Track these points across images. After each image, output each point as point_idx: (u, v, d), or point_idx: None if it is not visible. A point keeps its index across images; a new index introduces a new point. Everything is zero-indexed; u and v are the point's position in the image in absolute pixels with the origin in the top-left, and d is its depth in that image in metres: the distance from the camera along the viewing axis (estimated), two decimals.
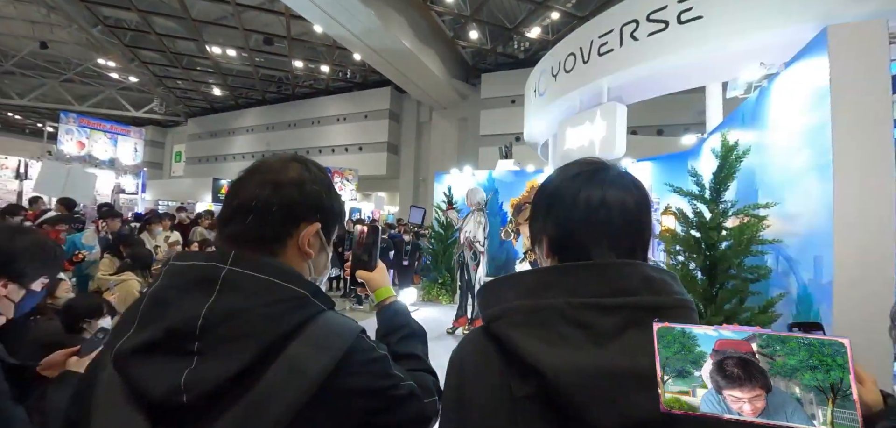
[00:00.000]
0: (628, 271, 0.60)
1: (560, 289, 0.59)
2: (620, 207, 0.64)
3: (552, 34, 11.31)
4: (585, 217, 0.65)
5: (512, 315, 0.61)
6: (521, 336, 0.58)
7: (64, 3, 11.24)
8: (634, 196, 0.66)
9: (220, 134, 21.41)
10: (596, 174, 0.68)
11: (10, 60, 15.37)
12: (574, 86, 5.26)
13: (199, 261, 0.66)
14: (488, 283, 0.69)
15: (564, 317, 0.57)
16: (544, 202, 0.70)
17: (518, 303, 0.61)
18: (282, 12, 11.33)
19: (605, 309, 0.56)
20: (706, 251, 2.82)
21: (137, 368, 0.60)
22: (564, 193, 0.68)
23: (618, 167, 0.70)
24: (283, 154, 0.82)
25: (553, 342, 0.56)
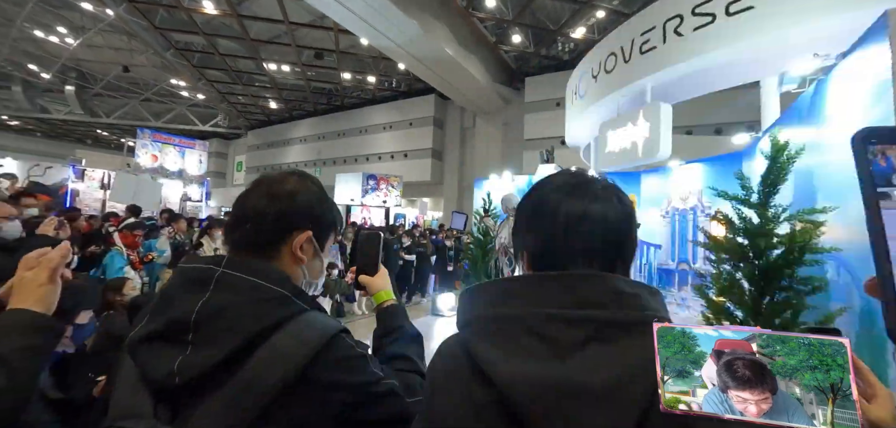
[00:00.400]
0: (598, 284, 0.58)
1: (525, 299, 0.59)
2: (600, 221, 0.63)
3: (598, 34, 10.95)
4: (563, 231, 0.64)
5: (478, 323, 0.62)
6: (482, 344, 0.59)
7: (142, 31, 12.52)
8: (616, 210, 0.64)
9: (276, 144, 22.74)
10: (577, 187, 0.67)
11: (99, 84, 17.46)
12: (615, 86, 5.07)
13: (201, 264, 0.74)
14: (465, 290, 0.70)
15: (527, 327, 0.57)
16: (525, 215, 0.70)
17: (485, 311, 0.62)
18: (331, 28, 11.87)
19: (569, 321, 0.56)
20: (754, 259, 2.61)
21: (143, 353, 0.70)
22: (544, 206, 0.67)
23: (602, 179, 0.69)
24: (285, 168, 0.90)
25: (512, 352, 0.56)
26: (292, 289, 0.74)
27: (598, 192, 0.66)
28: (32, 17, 12.28)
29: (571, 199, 0.65)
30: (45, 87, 17.87)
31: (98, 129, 23.24)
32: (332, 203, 0.90)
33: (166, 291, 0.74)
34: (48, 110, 19.04)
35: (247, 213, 0.79)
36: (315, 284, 0.89)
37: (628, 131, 4.86)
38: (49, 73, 16.26)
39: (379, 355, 0.93)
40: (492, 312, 0.61)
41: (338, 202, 14.41)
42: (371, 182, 14.13)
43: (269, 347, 0.68)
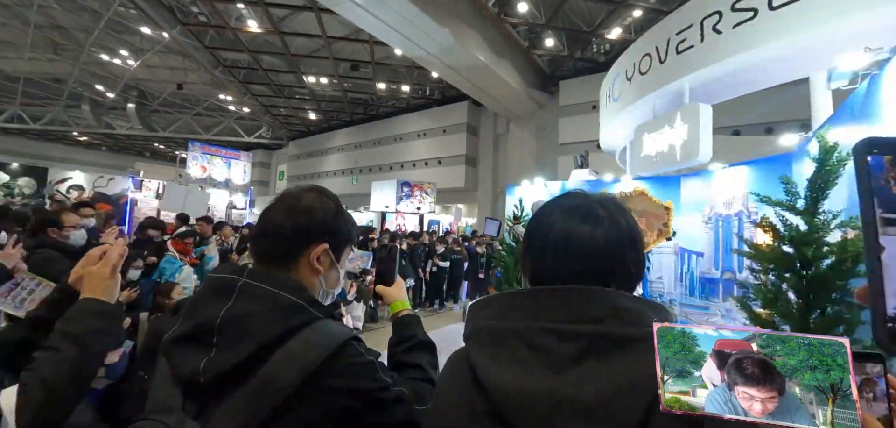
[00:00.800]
0: (597, 299, 0.59)
1: (524, 312, 0.62)
2: (587, 243, 0.64)
3: (634, 33, 10.60)
4: (551, 252, 0.66)
5: (480, 334, 0.64)
6: (481, 355, 0.61)
7: (194, 51, 13.42)
8: (606, 233, 0.65)
9: (315, 153, 23.58)
10: (570, 210, 0.68)
11: (156, 101, 18.86)
12: (650, 88, 4.88)
13: (226, 273, 0.81)
14: (473, 303, 0.73)
15: (523, 340, 0.58)
16: (526, 236, 0.73)
17: (487, 323, 0.64)
18: (366, 40, 12.21)
19: (564, 335, 0.57)
20: (802, 270, 2.42)
21: (175, 353, 0.77)
22: (539, 228, 0.70)
23: (605, 201, 0.70)
24: (305, 184, 0.96)
25: (508, 363, 0.58)
26: (307, 298, 0.79)
27: (591, 215, 0.66)
28: (99, 42, 13.46)
29: (562, 221, 0.67)
30: (109, 105, 19.51)
31: (155, 143, 25.07)
32: (349, 217, 0.95)
33: (197, 298, 0.81)
34: (112, 126, 20.74)
35: (268, 227, 0.86)
36: (332, 293, 0.93)
37: (665, 134, 4.67)
38: (113, 92, 17.76)
39: (392, 363, 0.96)
40: (494, 324, 0.63)
41: (373, 209, 14.80)
42: (405, 189, 14.33)
43: (284, 351, 0.73)
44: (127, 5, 11.09)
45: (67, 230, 2.72)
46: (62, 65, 15.39)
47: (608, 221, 0.66)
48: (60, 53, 14.56)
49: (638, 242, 0.67)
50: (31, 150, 22.77)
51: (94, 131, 21.26)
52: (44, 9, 11.74)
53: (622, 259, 0.65)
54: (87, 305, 0.95)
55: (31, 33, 12.86)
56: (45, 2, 11.31)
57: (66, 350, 0.86)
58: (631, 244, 0.66)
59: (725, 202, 5.01)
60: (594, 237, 0.64)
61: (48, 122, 20.28)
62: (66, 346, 0.86)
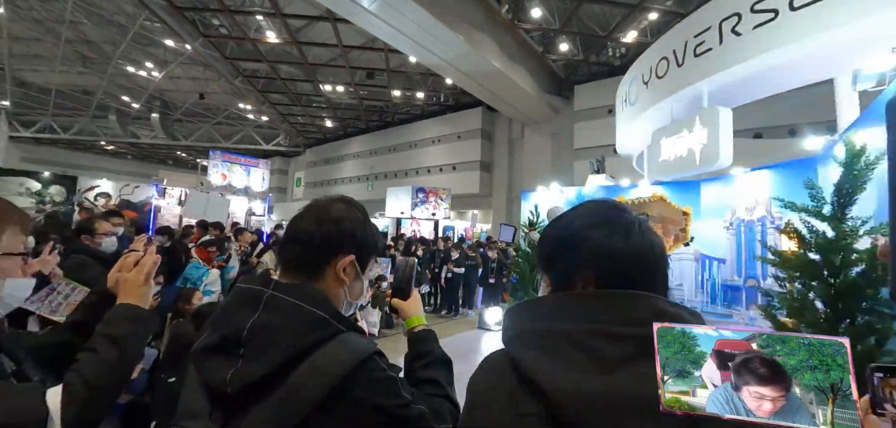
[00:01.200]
0: (640, 303, 0.61)
1: (571, 315, 0.62)
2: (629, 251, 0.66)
3: (651, 37, 10.47)
4: (578, 260, 0.68)
5: (524, 336, 0.65)
6: (529, 356, 0.62)
7: (215, 62, 13.80)
8: (641, 241, 0.67)
9: (332, 160, 23.88)
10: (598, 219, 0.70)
11: (179, 110, 19.43)
12: (668, 92, 4.81)
13: (253, 284, 0.82)
14: (511, 307, 0.74)
15: (573, 342, 0.59)
16: (548, 245, 0.76)
17: (532, 325, 0.65)
18: (381, 48, 12.37)
19: (614, 337, 0.58)
20: (829, 278, 2.34)
21: (203, 362, 0.79)
22: (565, 242, 0.72)
23: (630, 214, 0.72)
24: (334, 194, 0.97)
25: (560, 365, 0.59)
26: (331, 311, 0.80)
27: (623, 224, 0.69)
28: (125, 55, 13.96)
29: (590, 230, 0.69)
30: (134, 115, 20.18)
31: (177, 151, 25.79)
32: (375, 228, 0.96)
33: (225, 307, 0.83)
34: (137, 135, 21.44)
35: (297, 235, 0.87)
36: (355, 304, 0.94)
37: (684, 138, 4.59)
38: (138, 102, 18.38)
39: (410, 379, 0.95)
40: (539, 326, 0.64)
41: (388, 215, 14.89)
42: (420, 195, 14.39)
43: (309, 364, 0.74)
44: (152, 19, 11.49)
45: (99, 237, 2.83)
46: (91, 77, 16.02)
47: (640, 231, 0.68)
48: (89, 66, 15.16)
49: (662, 258, 0.70)
50: (61, 159, 23.69)
51: (120, 140, 22.01)
52: (74, 24, 12.25)
53: (657, 267, 0.67)
54: (124, 311, 1.00)
55: (62, 47, 13.42)
56: (76, 17, 11.80)
57: (106, 352, 0.90)
58: (662, 253, 0.69)
59: (747, 207, 4.88)
60: (635, 249, 0.67)
61: (77, 132, 21.08)
62: (106, 348, 0.91)
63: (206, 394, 0.77)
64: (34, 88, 17.46)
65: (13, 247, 0.90)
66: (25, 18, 12.18)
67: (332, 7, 9.07)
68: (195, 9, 11.15)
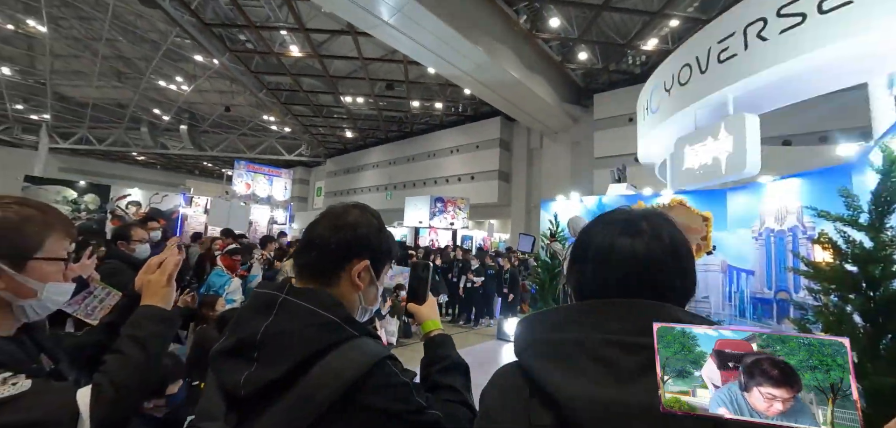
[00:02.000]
0: (660, 311, 0.59)
1: (584, 325, 0.61)
2: (627, 256, 0.65)
3: (672, 44, 10.31)
4: (594, 265, 0.68)
5: (537, 347, 0.65)
6: (543, 367, 0.61)
7: (240, 75, 14.26)
8: (646, 244, 0.65)
9: (351, 170, 24.26)
10: (614, 223, 0.70)
11: (206, 122, 20.13)
12: (691, 99, 4.71)
13: (269, 289, 0.84)
14: (523, 318, 0.73)
15: (586, 351, 0.59)
16: (572, 250, 0.75)
17: (544, 336, 0.65)
18: (401, 60, 12.56)
19: (628, 347, 0.57)
20: (868, 291, 2.23)
21: (220, 365, 0.81)
22: (583, 242, 0.72)
23: (651, 215, 0.70)
24: (349, 201, 0.99)
25: (574, 375, 0.58)
26: (343, 316, 0.80)
27: (632, 229, 0.67)
28: (157, 70, 14.58)
29: (603, 234, 0.69)
30: (164, 126, 21.00)
31: (204, 161, 26.66)
32: (389, 234, 0.96)
33: (241, 312, 0.85)
34: (166, 146, 22.27)
35: (313, 240, 0.88)
36: (370, 309, 0.94)
37: (708, 146, 4.48)
38: (168, 115, 19.13)
39: (426, 385, 0.95)
40: (552, 336, 0.64)
41: (406, 225, 14.97)
42: (438, 205, 14.43)
43: (321, 367, 0.74)
44: (182, 36, 11.98)
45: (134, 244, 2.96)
46: (125, 91, 16.78)
47: (649, 235, 0.66)
48: (124, 81, 15.89)
49: (683, 256, 0.66)
50: (96, 168, 24.77)
51: (150, 151, 22.88)
52: (111, 41, 12.88)
53: (664, 272, 0.64)
54: (148, 311, 1.03)
55: (99, 63, 14.12)
56: (112, 35, 12.41)
57: (131, 353, 0.93)
58: (674, 258, 0.65)
59: (777, 217, 4.71)
60: (633, 249, 0.65)
61: (111, 143, 22.05)
62: (132, 348, 0.94)
63: (222, 396, 0.78)
64: (73, 102, 18.40)
65: (57, 251, 0.93)
66: (67, 37, 12.88)
67: (353, 21, 9.28)
68: (223, 25, 11.58)
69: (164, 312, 1.05)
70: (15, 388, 0.75)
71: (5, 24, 12.16)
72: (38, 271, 0.89)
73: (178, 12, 10.55)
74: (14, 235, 0.86)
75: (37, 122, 19.87)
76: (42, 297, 0.90)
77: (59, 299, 0.95)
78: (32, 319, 0.93)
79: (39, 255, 0.89)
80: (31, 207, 0.90)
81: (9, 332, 0.89)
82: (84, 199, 10.79)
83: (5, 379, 0.76)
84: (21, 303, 0.88)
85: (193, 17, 10.87)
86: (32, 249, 0.88)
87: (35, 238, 0.89)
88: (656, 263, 0.64)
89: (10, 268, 0.85)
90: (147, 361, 0.95)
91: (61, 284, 0.94)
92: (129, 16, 11.76)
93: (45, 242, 0.90)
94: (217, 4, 10.94)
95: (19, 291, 0.87)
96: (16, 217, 0.87)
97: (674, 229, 0.68)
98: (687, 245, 0.68)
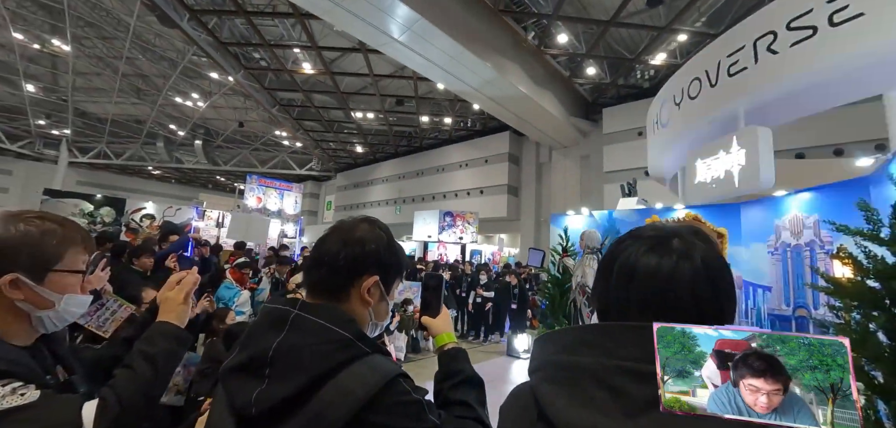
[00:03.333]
0: None
1: (597, 349, 0.58)
2: (651, 276, 0.61)
3: (680, 58, 10.30)
4: (615, 282, 0.65)
5: (547, 369, 0.62)
6: (548, 390, 0.60)
7: (254, 92, 14.57)
8: (672, 266, 0.60)
9: (361, 184, 24.43)
10: (642, 240, 0.65)
11: (220, 137, 20.53)
12: (702, 113, 4.67)
13: (280, 305, 0.83)
14: (539, 337, 0.71)
15: (596, 378, 0.56)
16: (598, 269, 0.72)
17: (556, 358, 0.62)
18: (411, 77, 12.73)
19: (640, 376, 0.52)
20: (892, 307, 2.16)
21: (230, 382, 0.79)
22: (608, 259, 0.69)
23: (683, 234, 0.65)
24: (359, 215, 0.98)
25: (579, 403, 0.55)
26: (356, 333, 0.79)
27: (661, 246, 0.62)
28: (174, 87, 14.97)
29: (630, 251, 0.65)
30: (180, 142, 21.46)
31: (217, 176, 27.12)
32: (400, 248, 0.95)
33: (252, 327, 0.84)
34: (181, 160, 22.72)
35: (323, 256, 0.87)
36: (381, 325, 0.93)
37: (721, 160, 4.42)
38: (184, 130, 19.56)
39: (439, 400, 0.93)
40: (562, 358, 0.61)
41: (415, 239, 14.98)
42: (447, 219, 14.43)
43: (333, 385, 0.73)
44: (199, 54, 12.32)
45: None
46: (143, 107, 17.25)
47: (679, 254, 0.61)
48: (142, 98, 16.35)
49: (717, 280, 0.61)
50: (112, 182, 25.38)
51: (165, 166, 23.36)
52: (131, 60, 13.30)
53: (691, 294, 0.59)
54: (163, 328, 1.05)
55: (119, 81, 14.55)
56: (132, 54, 12.81)
57: (141, 369, 0.94)
58: (705, 281, 0.60)
59: (793, 232, 4.62)
60: (659, 269, 0.60)
61: (128, 157, 22.58)
62: (142, 365, 0.95)
63: (231, 414, 0.77)
64: (93, 118, 18.95)
65: (75, 264, 0.94)
66: (89, 55, 13.34)
67: (364, 39, 9.45)
68: (239, 44, 11.89)
69: (178, 331, 1.06)
70: (22, 398, 0.76)
71: (32, 44, 12.63)
72: (57, 283, 0.91)
73: (196, 32, 10.87)
74: (35, 249, 0.88)
75: (57, 137, 20.49)
76: (60, 308, 0.92)
77: (77, 311, 0.97)
78: (50, 329, 0.94)
79: (59, 267, 0.91)
80: (51, 222, 0.92)
81: (26, 342, 0.91)
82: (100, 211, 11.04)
83: (14, 389, 0.77)
84: (39, 313, 0.90)
85: (210, 36, 11.19)
86: (52, 262, 0.90)
87: (55, 251, 0.91)
88: (684, 286, 0.59)
89: (30, 280, 0.87)
90: (155, 378, 0.95)
91: (79, 295, 0.96)
92: (149, 35, 12.16)
93: (65, 255, 0.92)
94: (233, 24, 11.26)
95: (38, 302, 0.89)
96: (37, 231, 0.89)
97: (710, 249, 0.63)
98: (724, 268, 0.63)
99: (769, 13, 3.76)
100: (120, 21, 11.36)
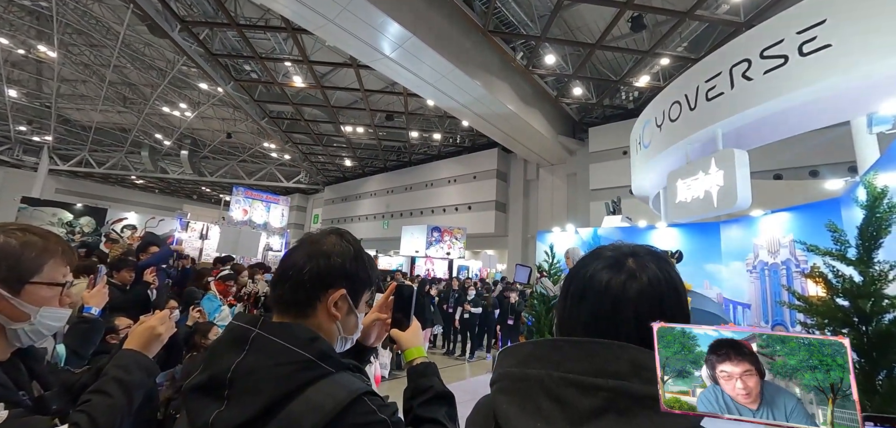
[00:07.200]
0: (619, 353, 0.57)
1: (547, 362, 0.60)
2: (601, 293, 0.64)
3: (664, 80, 10.62)
4: (566, 300, 0.68)
5: (504, 381, 0.64)
6: (504, 402, 0.62)
7: (244, 103, 14.51)
8: (623, 283, 0.62)
9: (349, 198, 24.32)
10: (598, 259, 0.68)
11: (207, 148, 20.30)
12: (681, 135, 4.83)
13: (243, 323, 0.82)
14: (501, 350, 0.73)
15: (545, 390, 0.58)
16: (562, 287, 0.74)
17: (511, 370, 0.64)
18: (401, 92, 12.84)
19: (584, 388, 0.56)
20: (859, 325, 2.24)
21: (191, 402, 0.78)
22: (568, 279, 0.71)
23: (637, 251, 0.68)
24: (327, 227, 0.98)
25: (529, 413, 0.58)
26: (317, 352, 0.76)
27: (614, 265, 0.65)
28: (162, 96, 14.82)
29: (589, 268, 0.67)
30: (165, 151, 21.15)
31: (202, 186, 26.74)
32: (369, 260, 0.93)
33: (215, 346, 0.82)
34: (166, 171, 22.37)
35: (288, 271, 0.84)
36: (350, 338, 0.92)
37: (700, 180, 4.56)
38: (170, 140, 19.31)
39: (409, 418, 0.91)
40: (516, 371, 0.63)
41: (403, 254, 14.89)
42: (435, 234, 14.43)
43: (293, 408, 0.70)
44: (189, 64, 12.26)
45: None
46: (129, 116, 17.01)
47: (628, 273, 0.63)
48: (129, 106, 16.13)
49: (662, 297, 0.63)
50: (94, 191, 24.80)
51: (149, 175, 22.97)
52: (118, 68, 13.16)
53: (634, 313, 0.61)
54: (137, 358, 1.07)
55: (105, 89, 14.36)
56: (120, 62, 12.69)
57: (118, 397, 0.95)
58: (650, 300, 0.62)
59: (770, 251, 4.76)
60: (609, 287, 0.63)
61: (111, 166, 22.15)
62: (117, 392, 0.96)
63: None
64: (76, 125, 18.63)
65: (54, 277, 0.93)
66: (76, 62, 13.17)
67: (356, 55, 9.55)
68: (230, 56, 11.87)
69: (151, 365, 1.09)
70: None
71: (17, 49, 12.44)
72: (35, 296, 0.90)
73: (187, 42, 10.83)
74: (13, 260, 0.87)
75: (39, 144, 20.03)
76: (35, 321, 0.90)
77: (54, 325, 0.95)
78: (26, 343, 0.92)
79: (36, 279, 0.90)
80: (32, 234, 0.92)
81: (2, 357, 0.89)
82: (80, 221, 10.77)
83: None
84: (14, 326, 0.88)
85: (201, 47, 11.16)
86: (30, 274, 0.89)
87: (34, 263, 0.90)
88: (627, 304, 0.61)
89: (7, 291, 0.86)
90: (127, 407, 0.96)
91: (56, 309, 0.94)
92: (139, 44, 12.07)
93: (44, 268, 0.91)
94: (224, 36, 11.26)
95: (13, 315, 0.88)
96: (17, 243, 0.88)
97: (661, 269, 0.64)
98: (676, 286, 0.65)
99: (744, 42, 3.95)
100: (109, 29, 11.27)
